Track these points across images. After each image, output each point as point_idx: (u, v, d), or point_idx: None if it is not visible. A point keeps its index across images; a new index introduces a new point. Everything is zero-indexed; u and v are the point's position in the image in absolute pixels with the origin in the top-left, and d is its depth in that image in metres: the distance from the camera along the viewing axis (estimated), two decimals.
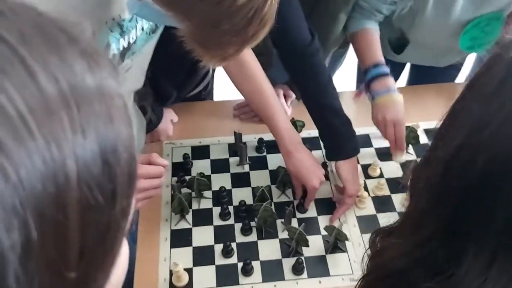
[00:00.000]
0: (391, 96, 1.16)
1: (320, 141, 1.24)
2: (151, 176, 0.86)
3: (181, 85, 1.30)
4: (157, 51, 0.93)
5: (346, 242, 1.09)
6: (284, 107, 1.33)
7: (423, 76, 1.53)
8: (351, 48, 1.41)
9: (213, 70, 1.47)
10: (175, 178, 1.20)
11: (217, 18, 0.60)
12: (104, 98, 0.26)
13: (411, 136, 1.24)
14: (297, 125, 1.25)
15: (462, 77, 1.61)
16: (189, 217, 1.13)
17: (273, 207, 1.12)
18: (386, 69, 1.19)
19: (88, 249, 0.25)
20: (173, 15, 0.62)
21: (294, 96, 1.37)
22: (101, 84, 0.26)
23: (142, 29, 0.83)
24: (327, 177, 1.21)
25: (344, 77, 1.75)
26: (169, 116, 1.30)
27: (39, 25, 0.25)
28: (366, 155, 1.25)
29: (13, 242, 0.20)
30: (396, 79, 1.66)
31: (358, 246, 1.10)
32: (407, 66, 1.64)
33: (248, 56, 1.14)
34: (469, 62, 1.63)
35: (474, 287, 0.40)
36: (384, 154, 1.26)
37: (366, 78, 1.21)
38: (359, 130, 1.24)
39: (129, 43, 0.81)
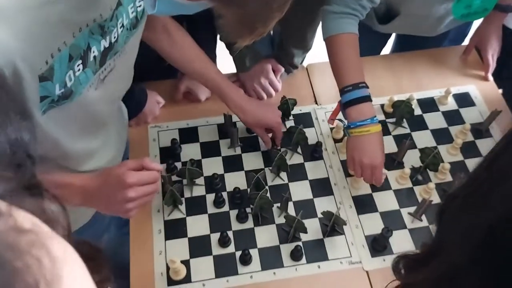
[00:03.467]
0: (369, 128, 1.03)
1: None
2: (144, 183, 0.81)
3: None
4: None
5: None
6: (274, 82, 1.28)
7: (410, 42, 1.48)
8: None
9: None
10: (164, 165, 1.14)
11: None
12: None
13: (406, 110, 1.21)
14: (289, 103, 1.20)
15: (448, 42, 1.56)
16: (182, 206, 1.09)
17: (268, 193, 1.09)
18: (367, 92, 1.05)
19: None
20: (222, 5, 0.61)
21: (283, 69, 1.31)
22: None
23: (123, 25, 0.76)
24: (321, 156, 1.18)
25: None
26: (154, 98, 1.23)
27: None
28: None
29: None
30: (381, 48, 1.61)
31: (355, 228, 1.08)
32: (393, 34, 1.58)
33: (172, 24, 1.06)
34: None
35: None
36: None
37: (342, 99, 1.07)
38: None
39: (110, 43, 0.74)
